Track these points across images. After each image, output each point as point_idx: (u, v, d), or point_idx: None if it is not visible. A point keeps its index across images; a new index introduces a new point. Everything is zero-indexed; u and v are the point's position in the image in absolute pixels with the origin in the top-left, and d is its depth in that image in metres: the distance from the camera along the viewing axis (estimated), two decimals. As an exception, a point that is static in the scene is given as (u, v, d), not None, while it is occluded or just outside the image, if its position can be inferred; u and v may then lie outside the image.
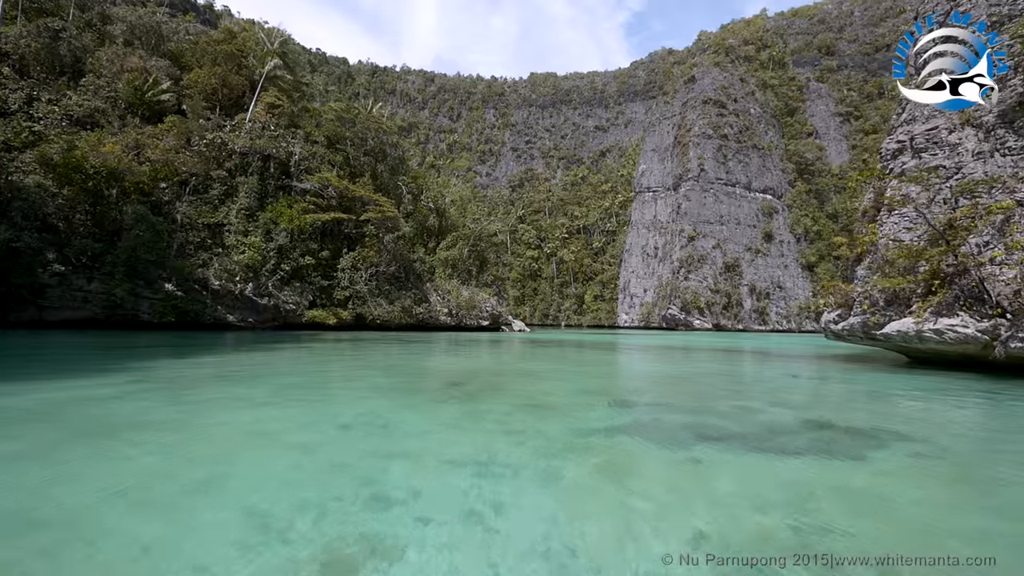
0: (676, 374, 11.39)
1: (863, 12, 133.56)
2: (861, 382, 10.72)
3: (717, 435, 5.38)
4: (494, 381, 9.22)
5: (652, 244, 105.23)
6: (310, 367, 11.21)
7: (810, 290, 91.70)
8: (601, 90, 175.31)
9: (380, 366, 11.59)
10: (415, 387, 8.46)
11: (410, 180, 47.02)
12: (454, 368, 11.54)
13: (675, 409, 6.87)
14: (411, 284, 40.81)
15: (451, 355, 15.96)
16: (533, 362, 14.14)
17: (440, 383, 8.75)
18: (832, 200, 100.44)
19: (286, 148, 37.49)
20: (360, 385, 8.40)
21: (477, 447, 4.65)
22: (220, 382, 8.41)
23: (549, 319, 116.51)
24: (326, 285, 36.17)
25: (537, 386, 8.78)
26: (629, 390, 8.83)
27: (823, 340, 45.80)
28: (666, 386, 9.60)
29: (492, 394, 7.65)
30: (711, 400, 7.81)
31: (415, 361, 13.80)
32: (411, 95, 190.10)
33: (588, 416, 6.23)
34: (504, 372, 10.92)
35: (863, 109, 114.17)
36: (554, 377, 10.30)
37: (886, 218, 13.91)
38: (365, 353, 15.76)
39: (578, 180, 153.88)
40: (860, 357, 18.54)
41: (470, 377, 9.74)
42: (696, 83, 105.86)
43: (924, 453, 4.95)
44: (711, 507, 3.38)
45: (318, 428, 5.22)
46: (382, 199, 38.81)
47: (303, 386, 8.10)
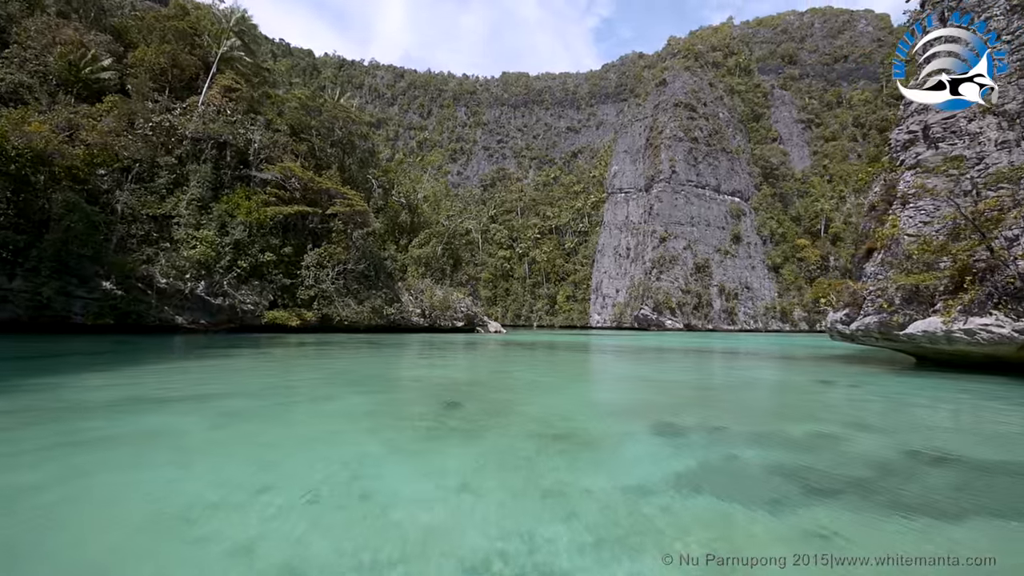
0: (693, 383, 10.03)
1: (822, 24, 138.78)
2: (907, 390, 9.63)
3: (828, 484, 3.95)
4: (494, 399, 7.54)
5: (624, 245, 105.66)
6: (267, 380, 9.24)
7: (776, 291, 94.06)
8: (573, 91, 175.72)
9: (352, 377, 9.73)
10: (400, 411, 6.67)
11: (381, 174, 44.59)
12: (440, 379, 9.74)
13: (737, 438, 5.43)
14: (382, 283, 38.51)
15: (431, 361, 14.19)
16: (526, 369, 12.59)
17: (430, 403, 7.01)
18: (795, 204, 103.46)
19: (244, 135, 34.57)
20: (329, 409, 6.56)
21: (505, 529, 3.00)
22: (138, 409, 6.41)
23: (521, 320, 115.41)
24: (289, 284, 33.50)
25: (547, 404, 7.22)
26: (659, 407, 7.37)
27: (796, 339, 46.05)
28: (697, 400, 8.21)
29: (498, 419, 6.00)
30: (769, 421, 6.44)
31: (392, 370, 12.00)
32: (380, 90, 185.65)
33: (635, 455, 4.70)
34: (500, 384, 9.26)
35: (823, 117, 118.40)
36: (560, 389, 8.78)
37: (900, 211, 13.08)
38: (333, 360, 13.79)
39: (550, 180, 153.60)
40: (859, 358, 17.86)
41: (463, 392, 8.02)
42: (667, 86, 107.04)
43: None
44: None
45: (267, 503, 3.36)
46: (351, 192, 36.39)
47: (253, 414, 6.19)
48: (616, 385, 9.70)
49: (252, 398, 7.22)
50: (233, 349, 17.26)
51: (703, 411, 6.87)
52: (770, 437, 5.44)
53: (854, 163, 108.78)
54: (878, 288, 13.11)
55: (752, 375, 11.61)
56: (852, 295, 14.26)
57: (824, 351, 24.30)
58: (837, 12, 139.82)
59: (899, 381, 10.77)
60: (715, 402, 7.88)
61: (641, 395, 8.48)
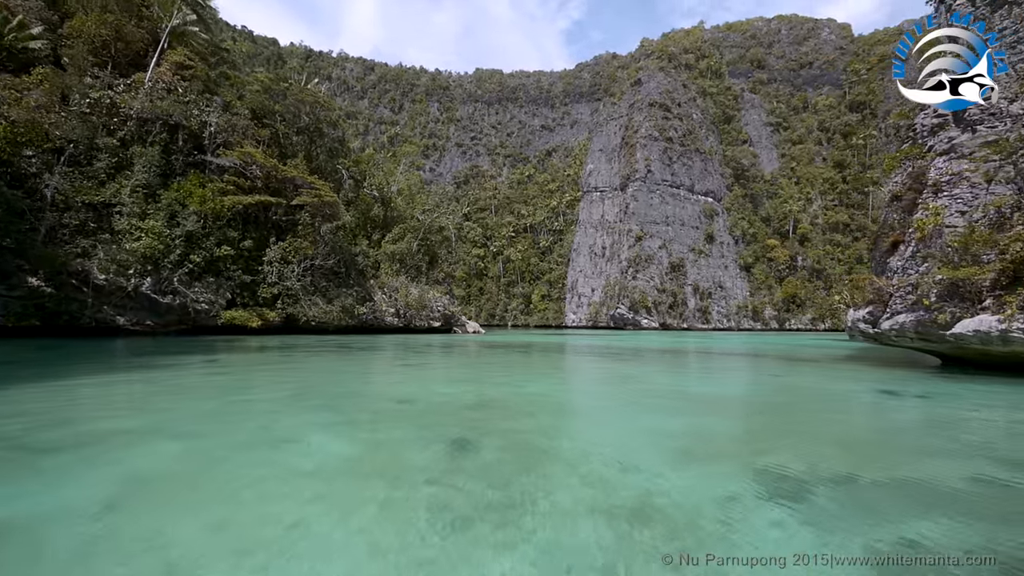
0: (737, 397, 8.39)
1: (789, 31, 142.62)
2: (993, 400, 8.30)
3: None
4: (515, 431, 5.48)
5: (600, 244, 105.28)
6: (209, 405, 7.03)
7: (748, 290, 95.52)
8: (547, 89, 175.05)
9: (321, 398, 7.54)
10: (391, 456, 4.63)
11: (352, 164, 41.80)
12: (433, 397, 7.64)
13: (887, 499, 3.76)
14: (352, 280, 35.95)
15: (415, 370, 12.18)
16: (529, 378, 10.78)
17: (430, 443, 5.02)
18: (765, 205, 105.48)
19: (199, 117, 31.41)
20: (288, 463, 4.25)
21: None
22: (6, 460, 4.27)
23: (495, 319, 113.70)
24: (249, 281, 30.60)
25: (587, 438, 5.41)
26: (729, 439, 5.57)
27: (778, 338, 45.29)
28: (766, 425, 6.52)
29: (534, 475, 4.05)
30: (895, 461, 4.79)
31: (370, 384, 9.97)
32: (349, 83, 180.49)
33: (767, 547, 2.91)
34: (512, 404, 7.15)
35: (790, 121, 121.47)
36: (591, 412, 6.96)
37: (932, 201, 11.96)
38: (298, 369, 11.62)
39: (524, 178, 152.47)
40: (870, 357, 16.88)
41: (469, 420, 5.88)
42: (642, 86, 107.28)
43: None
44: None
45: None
46: (319, 182, 33.70)
47: (171, 478, 4.07)
48: (652, 403, 7.95)
49: (182, 439, 5.11)
50: (181, 356, 14.76)
51: (791, 445, 5.22)
52: (933, 493, 3.81)
53: (819, 166, 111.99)
54: (908, 284, 11.93)
55: (789, 383, 10.16)
56: (876, 292, 13.09)
57: (825, 350, 23.51)
58: (802, 20, 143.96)
59: (966, 388, 9.52)
60: (791, 428, 6.28)
61: (693, 419, 6.82)
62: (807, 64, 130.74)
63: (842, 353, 21.39)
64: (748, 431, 5.79)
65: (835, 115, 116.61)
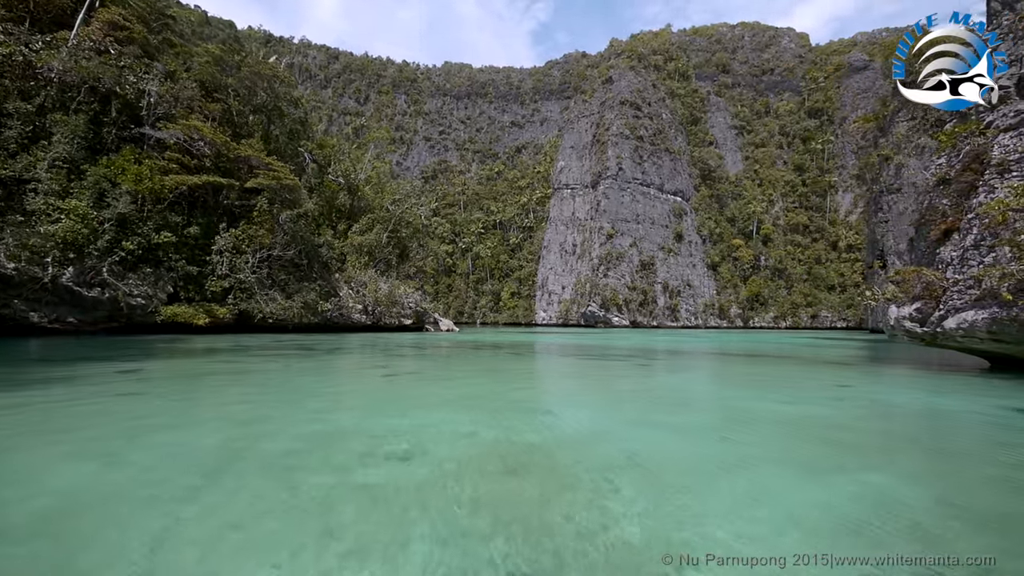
0: (852, 425, 6.34)
1: (751, 38, 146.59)
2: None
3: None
4: (595, 529, 3.25)
5: (571, 241, 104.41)
6: (91, 464, 4.31)
7: (715, 288, 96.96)
8: (517, 86, 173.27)
9: (279, 446, 4.57)
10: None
11: (315, 147, 38.33)
12: (439, 443, 4.71)
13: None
14: (316, 274, 32.76)
15: (397, 385, 9.65)
16: (550, 401, 8.66)
17: (450, 517, 2.81)
18: (730, 205, 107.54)
19: (136, 85, 27.49)
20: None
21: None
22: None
23: (464, 317, 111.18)
24: (195, 272, 27.02)
25: (688, 512, 3.31)
26: (902, 508, 3.71)
27: (757, 336, 44.31)
28: (967, 486, 4.72)
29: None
30: None
31: (343, 411, 7.57)
32: (312, 71, 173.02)
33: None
34: (555, 457, 4.49)
35: (753, 124, 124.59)
36: (693, 468, 4.79)
37: (998, 182, 10.67)
38: (248, 385, 8.97)
39: (494, 175, 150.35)
40: (910, 359, 15.75)
41: (517, 512, 2.96)
42: (614, 84, 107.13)
43: None
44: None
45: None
46: (277, 164, 30.33)
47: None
48: (757, 443, 5.98)
49: (44, 534, 2.67)
50: (95, 363, 11.79)
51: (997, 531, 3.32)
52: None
53: (781, 169, 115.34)
54: (970, 277, 10.56)
55: (879, 399, 8.45)
56: (926, 286, 11.71)
57: (836, 350, 22.55)
58: (764, 28, 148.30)
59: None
60: (934, 467, 4.43)
61: (852, 477, 4.92)
62: (769, 70, 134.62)
63: (860, 354, 20.42)
64: (943, 497, 3.80)
65: (795, 120, 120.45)
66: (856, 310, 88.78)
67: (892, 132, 57.75)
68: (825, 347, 24.32)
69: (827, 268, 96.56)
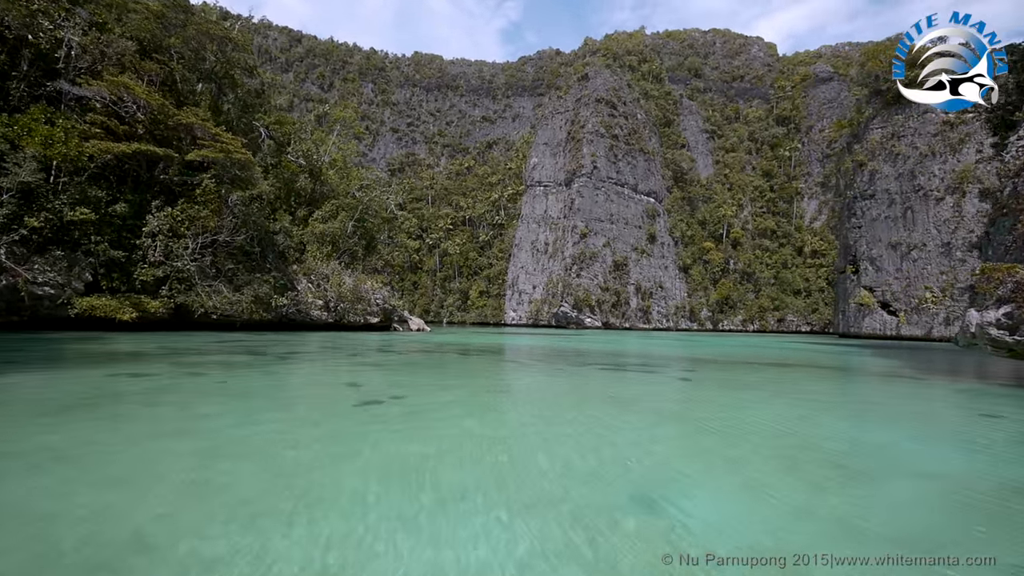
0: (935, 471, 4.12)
1: (722, 44, 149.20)
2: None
3: None
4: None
5: (543, 240, 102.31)
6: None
7: (686, 290, 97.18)
8: (489, 80, 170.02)
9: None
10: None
11: (273, 123, 34.09)
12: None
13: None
14: (270, 264, 28.84)
15: (370, 419, 6.80)
16: (602, 438, 5.98)
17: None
18: (701, 208, 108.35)
19: (52, 32, 22.92)
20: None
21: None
22: None
23: (431, 315, 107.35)
24: (121, 258, 22.76)
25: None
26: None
27: (742, 340, 42.80)
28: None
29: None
30: None
31: (298, 471, 4.60)
32: (272, 53, 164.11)
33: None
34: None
35: (724, 129, 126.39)
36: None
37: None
38: (179, 410, 5.85)
39: (463, 170, 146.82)
40: (961, 371, 13.93)
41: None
42: (589, 81, 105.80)
43: None
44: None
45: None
46: (227, 136, 26.23)
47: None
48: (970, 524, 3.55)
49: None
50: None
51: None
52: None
53: (749, 174, 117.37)
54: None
55: (927, 407, 6.17)
56: (1017, 286, 9.69)
57: (870, 359, 20.84)
58: (735, 36, 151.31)
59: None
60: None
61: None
62: (739, 77, 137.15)
63: (903, 363, 18.73)
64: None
65: (764, 127, 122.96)
66: (821, 314, 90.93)
67: (866, 139, 58.46)
68: (838, 354, 22.73)
69: (793, 273, 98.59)
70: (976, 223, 49.89)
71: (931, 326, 50.28)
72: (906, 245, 53.45)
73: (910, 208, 54.06)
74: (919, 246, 52.62)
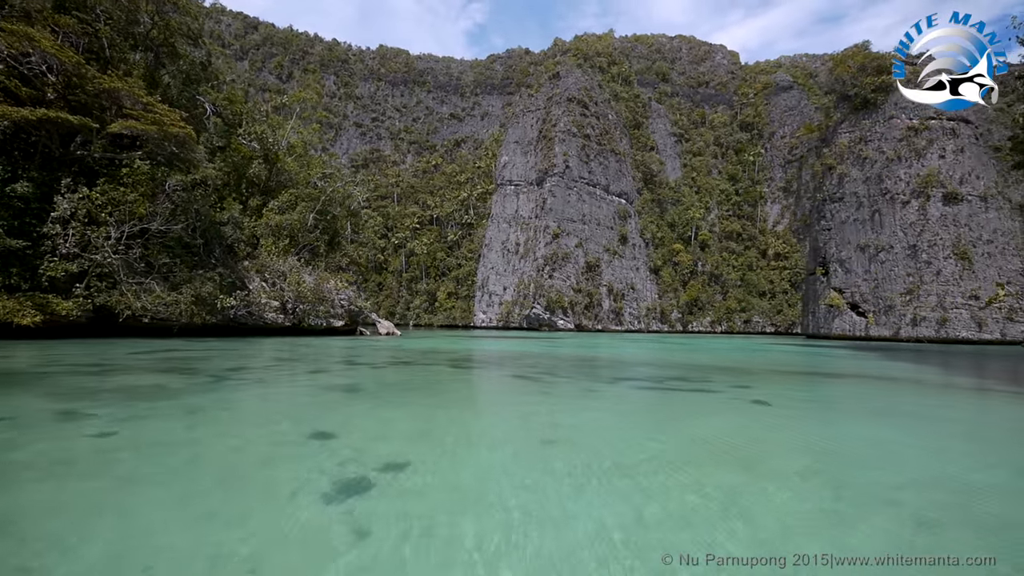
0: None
1: (688, 50, 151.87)
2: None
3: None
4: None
5: (514, 240, 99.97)
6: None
7: (656, 292, 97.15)
8: (457, 77, 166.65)
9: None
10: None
11: (222, 99, 29.91)
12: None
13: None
14: (216, 259, 24.96)
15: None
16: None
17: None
18: (670, 211, 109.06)
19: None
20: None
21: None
22: None
23: (396, 318, 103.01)
24: (22, 248, 18.58)
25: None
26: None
27: (724, 343, 40.60)
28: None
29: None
30: None
31: None
32: (226, 39, 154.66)
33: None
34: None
35: (690, 133, 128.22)
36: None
37: None
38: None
39: (431, 167, 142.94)
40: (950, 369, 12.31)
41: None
42: (561, 80, 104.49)
43: None
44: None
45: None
46: (162, 107, 22.25)
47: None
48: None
49: None
50: None
51: None
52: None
53: (716, 178, 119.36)
54: None
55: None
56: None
57: (876, 363, 19.28)
58: (699, 43, 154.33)
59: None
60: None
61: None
62: (704, 83, 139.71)
63: (938, 368, 17.24)
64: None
65: (728, 132, 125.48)
66: (785, 316, 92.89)
67: (835, 143, 59.32)
68: (861, 359, 21.22)
69: (758, 275, 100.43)
70: (940, 226, 51.20)
71: (899, 327, 51.16)
72: (874, 247, 54.35)
73: (877, 211, 55.05)
74: (886, 248, 53.58)
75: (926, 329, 49.15)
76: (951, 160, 51.93)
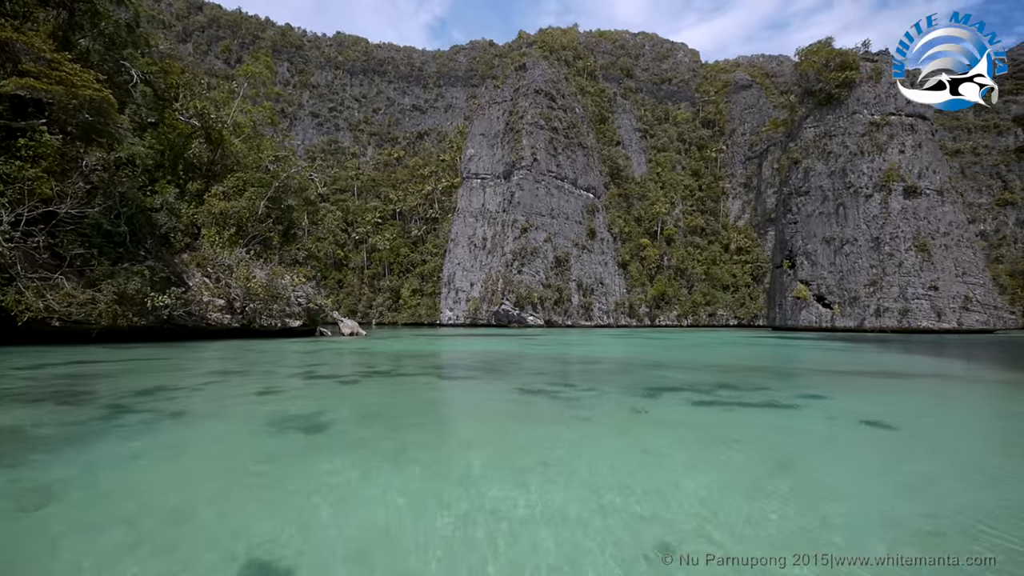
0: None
1: (651, 48, 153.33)
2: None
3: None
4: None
5: (481, 235, 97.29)
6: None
7: (624, 287, 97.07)
8: (420, 68, 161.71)
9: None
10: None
11: (154, 66, 25.76)
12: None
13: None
14: (146, 250, 21.28)
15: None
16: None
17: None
18: (636, 205, 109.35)
19: None
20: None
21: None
22: None
23: (358, 316, 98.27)
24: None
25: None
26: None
27: (702, 336, 39.73)
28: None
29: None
30: None
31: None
32: (168, 20, 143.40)
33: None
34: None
35: (655, 129, 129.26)
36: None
37: None
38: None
39: (393, 160, 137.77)
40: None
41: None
42: (527, 71, 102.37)
43: None
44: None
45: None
46: (71, 66, 18.46)
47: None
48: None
49: None
50: None
51: None
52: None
53: (680, 173, 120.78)
54: None
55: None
56: None
57: (898, 356, 18.19)
58: (662, 40, 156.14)
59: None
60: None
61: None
62: (667, 80, 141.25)
63: (954, 361, 16.17)
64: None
65: (691, 128, 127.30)
66: (748, 309, 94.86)
67: (801, 137, 60.13)
68: (878, 352, 20.23)
69: (722, 269, 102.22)
70: (901, 219, 52.61)
71: (863, 317, 52.33)
72: (839, 240, 55.43)
73: (842, 204, 56.13)
74: (851, 240, 54.71)
75: (889, 319, 50.40)
76: (910, 155, 53.48)
